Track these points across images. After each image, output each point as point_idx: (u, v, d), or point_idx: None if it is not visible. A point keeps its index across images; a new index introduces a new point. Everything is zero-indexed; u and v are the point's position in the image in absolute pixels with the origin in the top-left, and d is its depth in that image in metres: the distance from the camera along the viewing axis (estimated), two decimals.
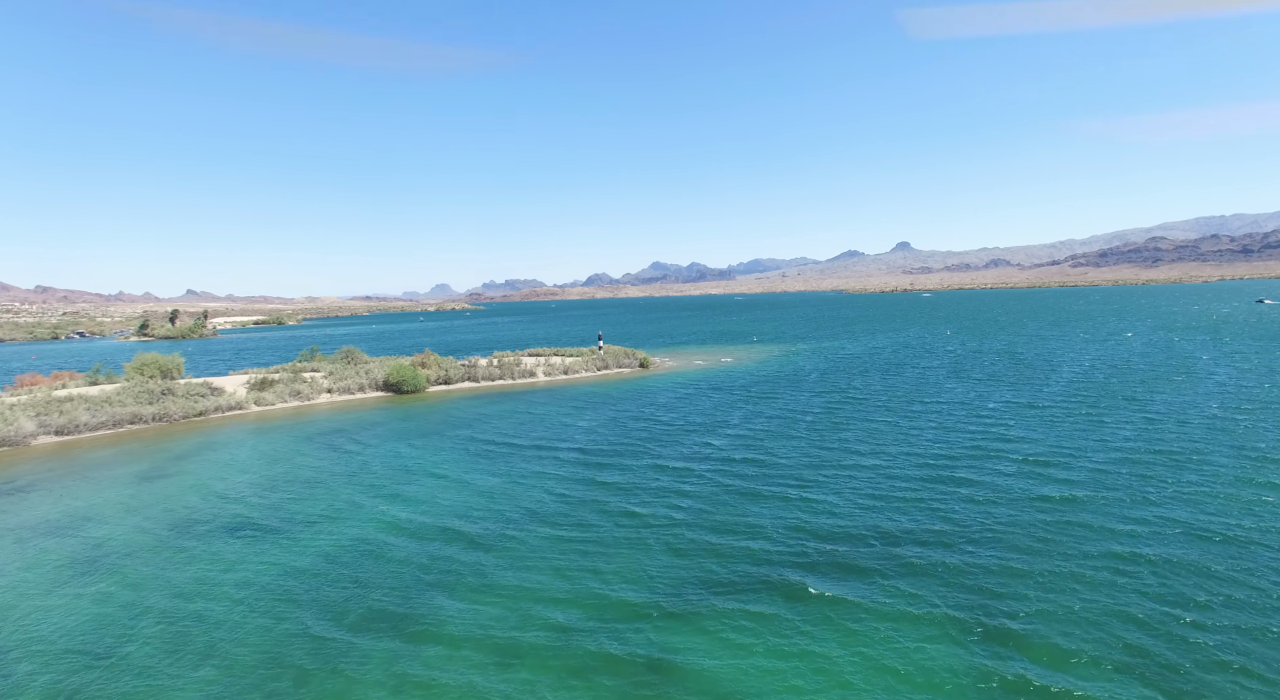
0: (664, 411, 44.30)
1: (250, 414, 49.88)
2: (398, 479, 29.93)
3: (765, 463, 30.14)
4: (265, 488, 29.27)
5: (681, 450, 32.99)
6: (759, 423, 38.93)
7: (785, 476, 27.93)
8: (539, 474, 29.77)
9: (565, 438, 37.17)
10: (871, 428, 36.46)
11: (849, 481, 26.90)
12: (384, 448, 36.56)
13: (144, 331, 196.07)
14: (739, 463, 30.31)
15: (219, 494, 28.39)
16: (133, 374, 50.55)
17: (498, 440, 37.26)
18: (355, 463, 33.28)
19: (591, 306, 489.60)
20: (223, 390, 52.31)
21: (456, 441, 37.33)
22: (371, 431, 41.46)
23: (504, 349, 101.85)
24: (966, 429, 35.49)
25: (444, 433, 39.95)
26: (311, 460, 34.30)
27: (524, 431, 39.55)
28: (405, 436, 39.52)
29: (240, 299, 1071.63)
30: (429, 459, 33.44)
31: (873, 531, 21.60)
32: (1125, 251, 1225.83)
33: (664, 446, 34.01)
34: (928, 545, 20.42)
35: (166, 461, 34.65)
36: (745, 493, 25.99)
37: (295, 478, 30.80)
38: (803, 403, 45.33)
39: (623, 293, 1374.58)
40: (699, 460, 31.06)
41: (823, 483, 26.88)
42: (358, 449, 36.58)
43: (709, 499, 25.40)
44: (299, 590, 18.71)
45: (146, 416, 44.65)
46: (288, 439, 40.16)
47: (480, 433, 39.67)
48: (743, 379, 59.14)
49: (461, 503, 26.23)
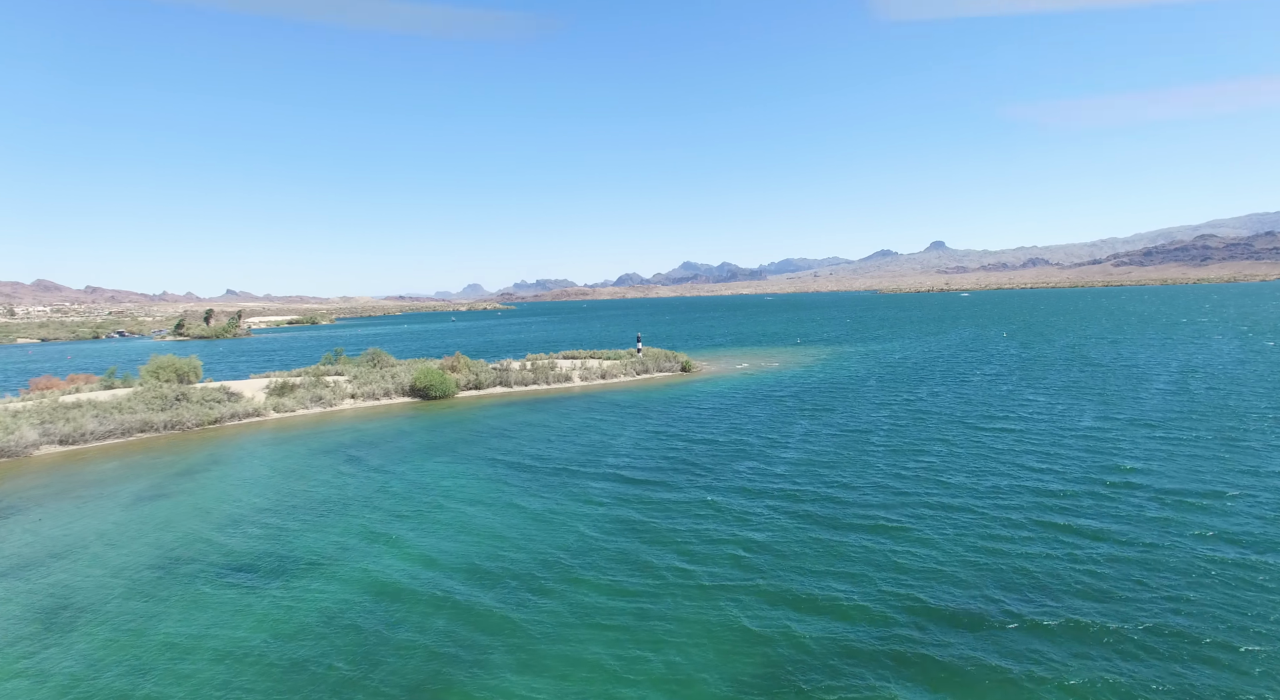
0: (712, 425, 40.07)
1: (269, 421, 46.88)
2: (419, 506, 26.19)
3: (837, 498, 25.59)
4: (271, 514, 25.78)
5: (737, 477, 28.68)
6: (821, 441, 34.46)
7: (864, 516, 23.43)
8: (577, 504, 25.74)
9: (605, 457, 33.18)
10: (954, 451, 31.74)
11: (946, 526, 22.35)
12: (407, 465, 32.96)
13: (179, 331, 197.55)
14: (807, 496, 25.80)
15: (218, 522, 24.95)
16: (147, 378, 47.91)
17: (530, 458, 33.42)
18: (375, 483, 29.68)
19: (622, 306, 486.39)
20: (240, 395, 49.42)
21: (486, 459, 33.57)
22: (395, 444, 37.96)
23: (536, 350, 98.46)
24: (1069, 453, 30.59)
25: (472, 447, 36.25)
26: (328, 478, 30.82)
27: (559, 448, 35.68)
28: (431, 451, 35.92)
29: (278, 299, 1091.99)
30: (455, 481, 29.70)
31: (998, 605, 17.06)
32: (1171, 249, 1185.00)
33: (716, 471, 29.74)
34: (1085, 633, 15.87)
35: (169, 478, 31.45)
36: (822, 543, 21.52)
37: (307, 501, 27.29)
38: (866, 416, 40.72)
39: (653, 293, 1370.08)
40: (758, 493, 26.71)
41: (913, 527, 22.36)
42: (379, 464, 33.04)
43: (778, 549, 21.03)
44: (284, 669, 14.94)
45: (158, 424, 41.79)
46: (305, 451, 36.86)
47: (512, 448, 35.90)
48: (793, 386, 54.59)
49: (490, 542, 22.34)
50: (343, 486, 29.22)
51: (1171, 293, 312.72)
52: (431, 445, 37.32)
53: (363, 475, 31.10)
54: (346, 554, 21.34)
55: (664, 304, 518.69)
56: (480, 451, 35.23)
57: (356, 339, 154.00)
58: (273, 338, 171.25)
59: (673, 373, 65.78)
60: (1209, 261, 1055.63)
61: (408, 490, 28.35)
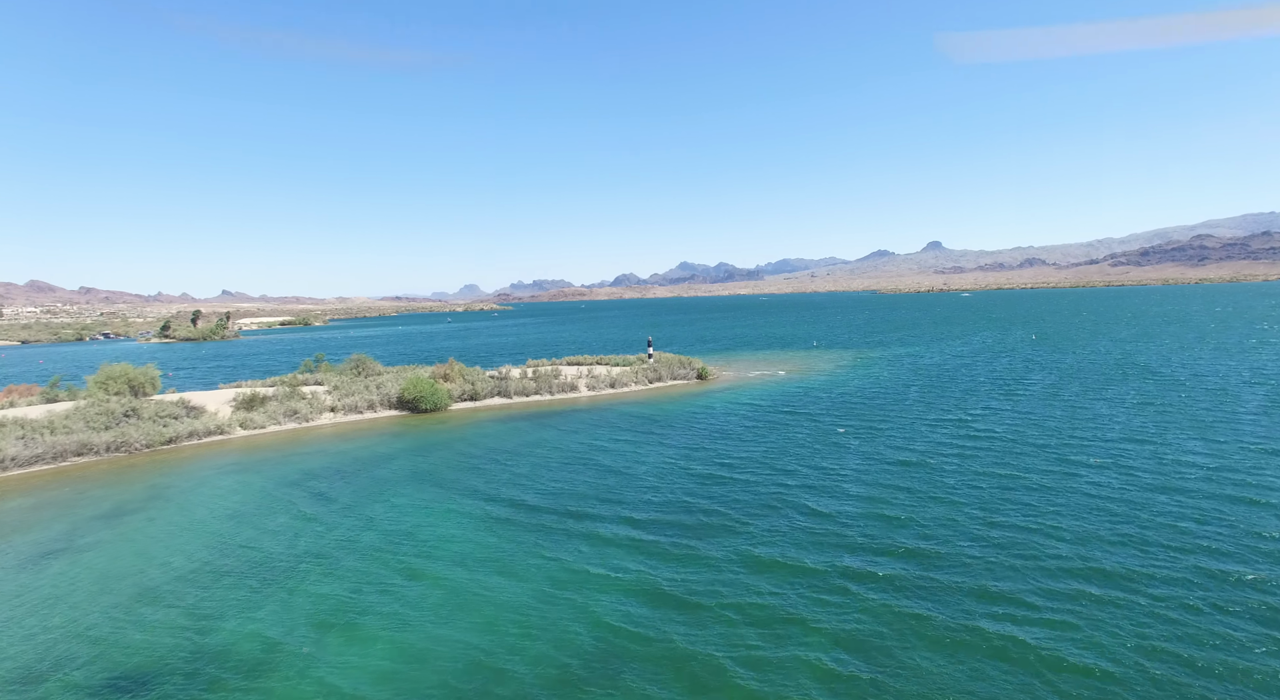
0: (744, 449, 34.24)
1: (234, 441, 40.91)
2: (390, 571, 20.27)
3: (932, 564, 19.51)
4: (197, 583, 19.86)
5: (791, 530, 22.70)
6: (882, 476, 28.55)
7: (985, 599, 17.41)
8: (592, 570, 19.73)
9: (622, 494, 27.31)
10: (1054, 495, 25.79)
11: (1101, 621, 16.43)
12: (383, 504, 27.05)
13: (165, 333, 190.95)
14: (888, 562, 19.62)
15: (122, 598, 18.99)
16: (94, 390, 41.86)
17: (533, 495, 27.54)
18: (340, 533, 23.77)
19: (621, 307, 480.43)
20: (203, 410, 43.43)
21: (479, 495, 27.65)
22: (373, 473, 32.05)
23: (535, 353, 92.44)
24: (1214, 499, 24.76)
25: (463, 478, 30.34)
26: (284, 522, 24.92)
27: (566, 479, 29.83)
28: (415, 483, 30.03)
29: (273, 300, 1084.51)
30: (438, 531, 23.80)
31: None
32: (1168, 250, 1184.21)
33: (762, 519, 23.80)
34: None
35: (88, 523, 25.48)
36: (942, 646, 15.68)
37: (249, 561, 21.37)
38: (922, 439, 34.93)
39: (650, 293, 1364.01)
40: (823, 552, 20.83)
41: (1056, 616, 16.53)
42: (350, 502, 27.14)
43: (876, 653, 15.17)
44: None
45: (99, 446, 35.82)
46: (266, 482, 30.93)
47: (510, 480, 30.02)
48: (825, 398, 48.80)
49: (478, 639, 16.44)
50: (300, 537, 23.30)
51: (1178, 293, 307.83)
52: (416, 475, 31.40)
53: (327, 520, 25.17)
54: (279, 659, 15.37)
55: (662, 304, 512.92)
56: (472, 484, 29.33)
57: (348, 341, 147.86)
58: (262, 340, 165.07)
59: (688, 380, 59.94)
60: (1206, 261, 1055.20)
61: (379, 545, 22.44)
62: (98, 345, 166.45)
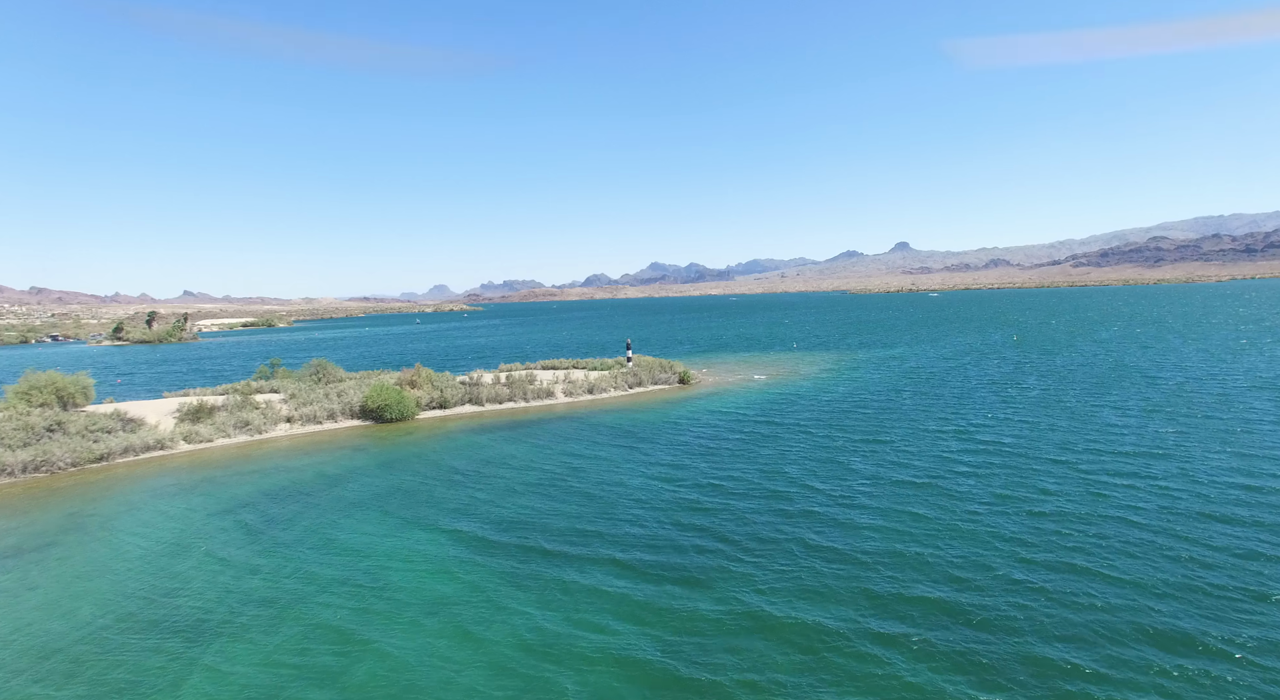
0: (736, 464, 31.60)
1: (176, 456, 37.12)
2: (333, 636, 17.10)
3: (972, 633, 16.81)
4: (110, 643, 16.52)
5: (795, 575, 19.79)
6: (893, 499, 25.97)
7: (1031, 675, 14.79)
8: (562, 638, 16.47)
9: (604, 522, 24.39)
10: (1090, 520, 23.31)
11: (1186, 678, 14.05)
12: (336, 534, 23.82)
13: (118, 335, 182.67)
14: (920, 631, 16.68)
15: (8, 665, 15.61)
16: (14, 402, 37.66)
17: (501, 528, 24.43)
18: (281, 578, 20.47)
19: (592, 307, 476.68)
20: (142, 422, 39.49)
21: (441, 530, 24.45)
22: (329, 495, 28.70)
23: (508, 357, 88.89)
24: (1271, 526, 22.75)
25: (426, 507, 27.12)
26: (217, 564, 21.53)
27: (541, 502, 26.87)
28: (373, 507, 26.79)
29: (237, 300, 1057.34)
30: (393, 580, 20.66)
31: None
32: (1126, 251, 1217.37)
33: (761, 557, 20.92)
34: None
35: None
36: None
37: (174, 614, 18.03)
38: (928, 452, 32.61)
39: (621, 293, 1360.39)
40: (837, 605, 18.14)
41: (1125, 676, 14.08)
42: (299, 535, 23.83)
43: None
44: None
45: (14, 466, 31.85)
46: (205, 508, 27.43)
47: (480, 504, 26.94)
48: (814, 405, 46.44)
49: None
50: (232, 584, 19.95)
51: (1139, 293, 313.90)
52: (375, 499, 28.12)
53: (269, 558, 21.85)
54: None
55: (634, 305, 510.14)
56: (436, 511, 26.17)
57: (311, 344, 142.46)
58: (221, 342, 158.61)
59: (669, 385, 57.21)
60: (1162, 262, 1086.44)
61: (325, 593, 19.21)
62: (43, 349, 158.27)
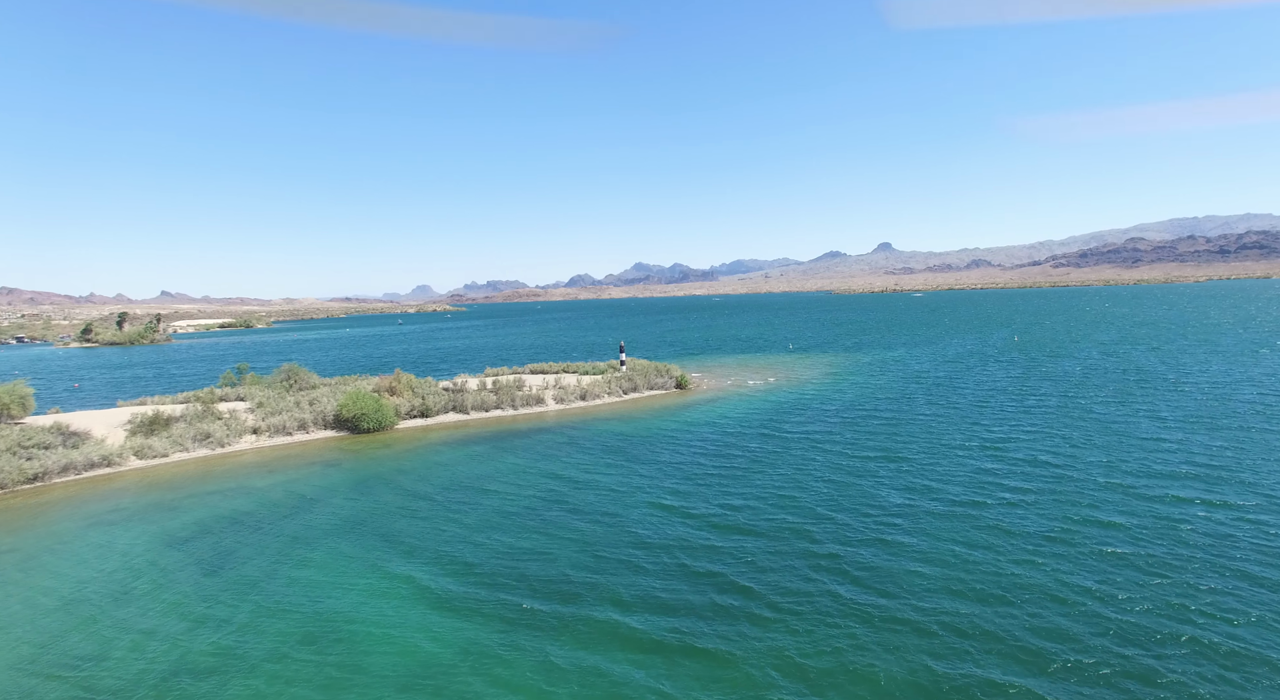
0: (747, 486, 28.54)
1: (126, 474, 33.42)
2: None
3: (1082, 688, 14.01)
4: None
5: (837, 621, 16.82)
6: (930, 525, 23.02)
7: None
8: None
9: (601, 561, 21.11)
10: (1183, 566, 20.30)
11: None
12: (295, 581, 20.40)
13: (87, 337, 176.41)
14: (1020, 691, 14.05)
15: None
16: None
17: (488, 566, 21.14)
18: (227, 641, 17.07)
19: (577, 308, 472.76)
20: (88, 436, 35.71)
21: (419, 566, 21.13)
22: (292, 525, 25.22)
23: (493, 359, 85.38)
24: None
25: (404, 538, 23.74)
26: (147, 623, 18.07)
27: (531, 538, 23.58)
28: (344, 543, 23.37)
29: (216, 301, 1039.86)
30: (358, 634, 17.34)
31: None
32: (1105, 252, 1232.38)
33: (793, 600, 17.89)
34: None
35: None
36: None
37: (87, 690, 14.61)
38: (959, 471, 29.74)
39: (606, 293, 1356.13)
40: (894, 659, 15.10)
41: None
42: (247, 584, 20.36)
43: None
44: None
45: None
46: (147, 541, 23.89)
47: (460, 540, 23.56)
48: (825, 413, 43.50)
49: None
50: (167, 649, 16.50)
51: (1122, 294, 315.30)
52: (345, 529, 24.69)
53: (217, 610, 18.41)
54: None
55: (620, 305, 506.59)
56: (412, 549, 22.77)
57: (288, 345, 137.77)
58: (195, 344, 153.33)
59: (666, 390, 54.03)
60: (1139, 263, 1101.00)
61: (279, 660, 15.86)
62: (7, 351, 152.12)
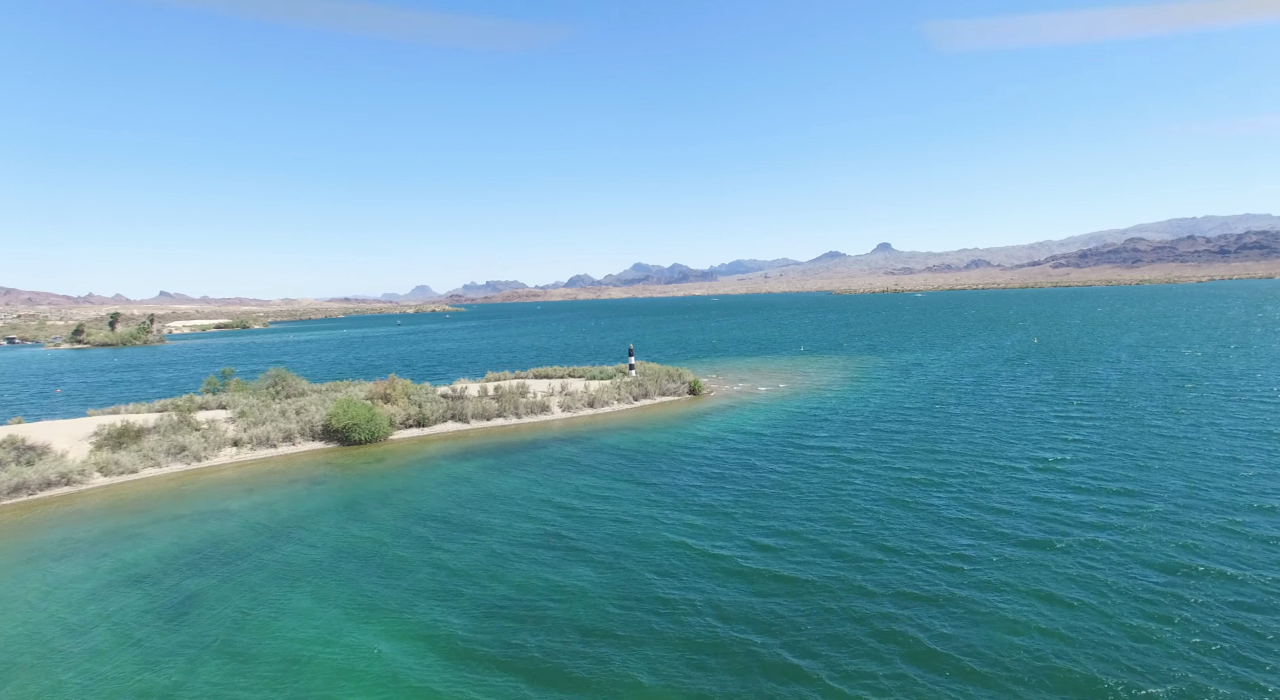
0: (780, 517, 25.33)
1: (87, 494, 30.16)
2: None
3: None
4: None
5: None
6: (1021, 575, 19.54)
7: None
8: None
9: (618, 618, 17.91)
10: None
11: None
12: (268, 630, 17.14)
13: (78, 338, 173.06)
14: None
15: None
16: None
17: (486, 614, 17.97)
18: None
19: (577, 308, 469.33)
20: (47, 450, 32.43)
21: (411, 619, 17.89)
22: (270, 558, 21.97)
23: (493, 362, 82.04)
24: None
25: (394, 573, 20.51)
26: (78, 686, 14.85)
27: (535, 576, 20.36)
28: (327, 582, 20.12)
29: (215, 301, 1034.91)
30: None
31: None
32: (1104, 252, 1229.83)
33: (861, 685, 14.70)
34: None
35: None
36: None
37: None
38: (1024, 500, 26.56)
39: (605, 294, 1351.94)
40: None
41: None
42: (211, 637, 17.12)
43: None
44: None
45: None
46: (99, 578, 20.66)
47: (458, 578, 20.29)
48: (850, 425, 40.31)
49: None
50: None
51: (1126, 294, 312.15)
52: (329, 562, 21.44)
53: (169, 675, 15.16)
54: None
55: (620, 306, 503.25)
56: (402, 587, 19.52)
57: (283, 347, 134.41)
58: (188, 346, 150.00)
59: (678, 397, 50.78)
60: (1140, 263, 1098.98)
61: None
62: None
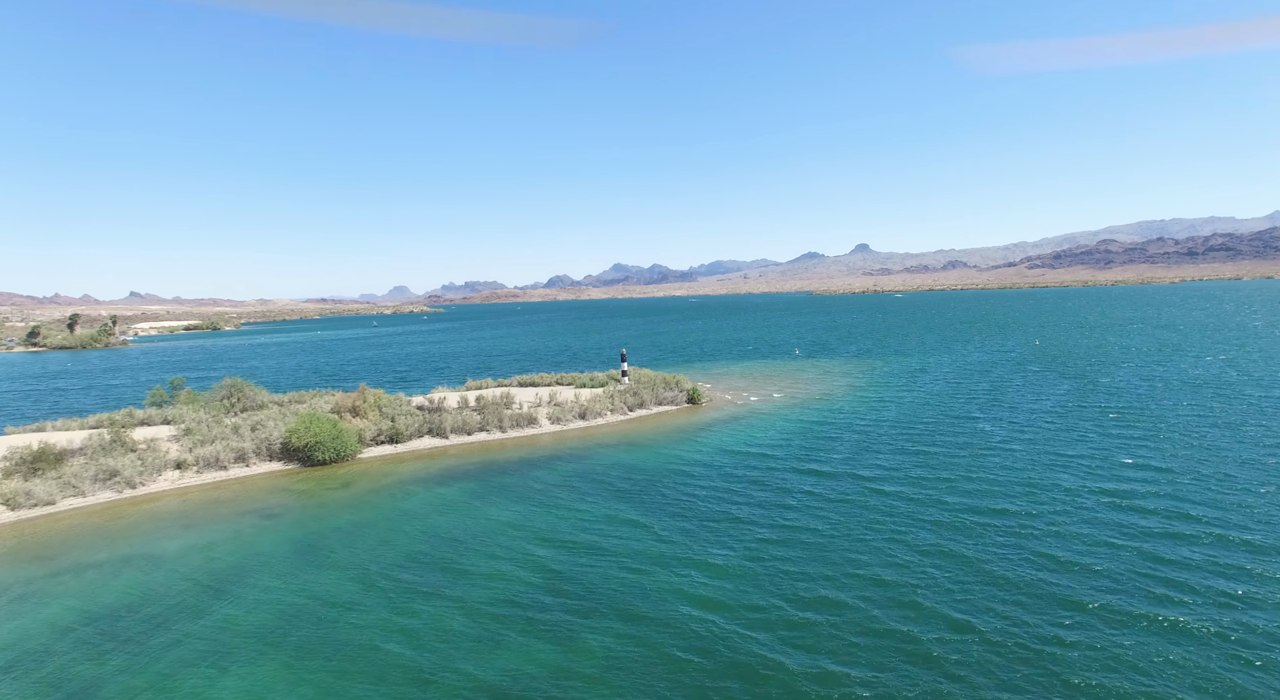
0: (803, 559, 21.66)
1: None
2: None
3: None
4: None
5: None
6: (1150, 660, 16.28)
7: None
8: None
9: None
10: None
11: None
12: None
13: (34, 340, 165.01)
14: None
15: None
16: None
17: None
18: None
19: (557, 309, 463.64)
20: None
21: None
22: (197, 628, 17.60)
23: (474, 367, 77.16)
24: None
25: (351, 654, 16.34)
26: None
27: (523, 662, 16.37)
28: (264, 666, 15.82)
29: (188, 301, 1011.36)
30: None
31: None
32: (1078, 253, 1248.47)
33: None
34: None
35: None
36: None
37: None
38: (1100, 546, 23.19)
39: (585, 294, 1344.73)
40: None
41: None
42: None
43: None
44: None
45: None
46: None
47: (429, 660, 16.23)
48: (867, 441, 36.71)
49: None
50: None
51: (1105, 295, 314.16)
52: (272, 633, 17.12)
53: None
54: None
55: (600, 306, 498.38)
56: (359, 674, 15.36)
57: (252, 351, 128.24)
58: (152, 349, 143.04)
59: (676, 406, 46.76)
60: (1112, 265, 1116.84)
61: None
62: None
